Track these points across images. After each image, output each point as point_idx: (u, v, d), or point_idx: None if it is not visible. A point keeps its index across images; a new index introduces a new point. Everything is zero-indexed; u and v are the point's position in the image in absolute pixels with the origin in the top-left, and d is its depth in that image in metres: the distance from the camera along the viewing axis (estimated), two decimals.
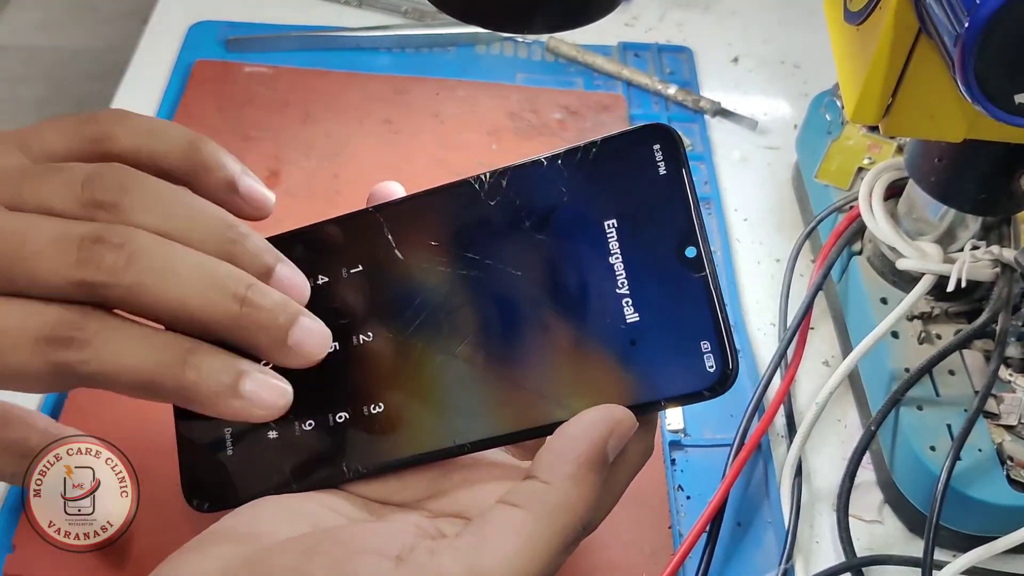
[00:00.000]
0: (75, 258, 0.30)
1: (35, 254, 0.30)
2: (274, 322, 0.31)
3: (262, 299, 0.31)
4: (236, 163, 0.34)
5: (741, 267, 0.54)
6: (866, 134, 0.53)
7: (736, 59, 0.66)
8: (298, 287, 0.33)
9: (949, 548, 0.42)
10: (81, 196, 0.31)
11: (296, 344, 0.32)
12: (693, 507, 0.43)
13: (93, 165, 0.32)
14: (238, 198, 0.34)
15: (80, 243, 0.30)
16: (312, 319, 0.33)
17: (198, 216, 0.32)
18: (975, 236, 0.46)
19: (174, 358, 0.30)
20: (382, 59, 0.62)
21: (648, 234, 0.33)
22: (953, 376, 0.44)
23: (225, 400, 0.31)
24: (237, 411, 0.31)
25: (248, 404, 0.31)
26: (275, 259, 0.33)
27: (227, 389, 0.31)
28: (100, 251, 0.30)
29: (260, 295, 0.31)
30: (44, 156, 0.33)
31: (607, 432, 0.31)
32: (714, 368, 0.31)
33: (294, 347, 0.32)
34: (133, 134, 0.33)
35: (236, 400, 0.31)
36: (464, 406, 0.33)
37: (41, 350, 0.30)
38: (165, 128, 0.34)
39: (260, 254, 0.32)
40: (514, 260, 0.34)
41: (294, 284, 0.33)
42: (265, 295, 0.31)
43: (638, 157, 0.33)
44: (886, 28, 0.34)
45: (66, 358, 0.30)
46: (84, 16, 1.05)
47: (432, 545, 0.29)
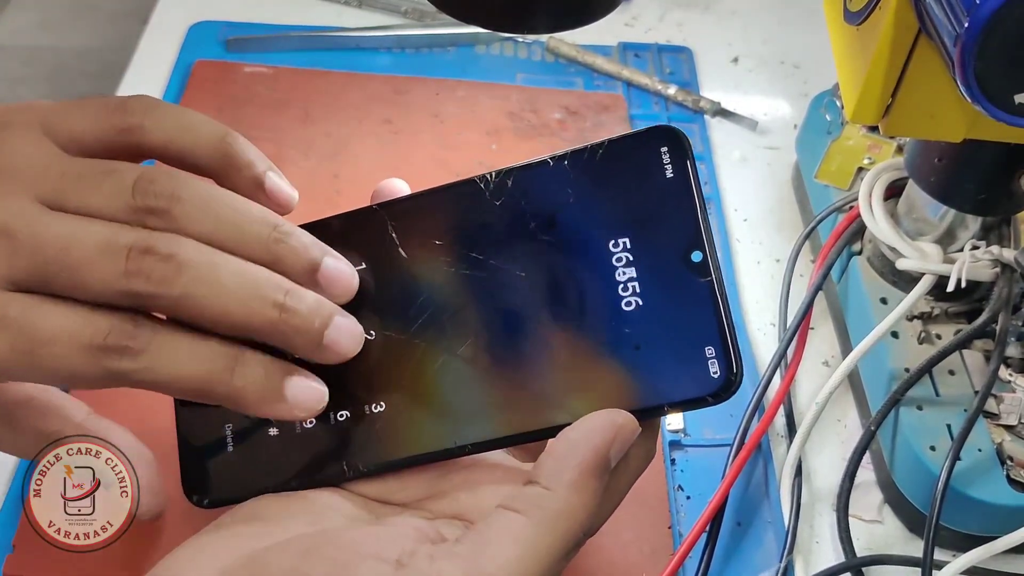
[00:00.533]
0: (123, 268, 0.30)
1: (82, 261, 0.30)
2: (310, 326, 0.32)
3: (299, 304, 0.32)
4: (263, 160, 0.35)
5: (741, 267, 0.54)
6: (866, 134, 0.53)
7: (736, 59, 0.66)
8: (345, 278, 0.34)
9: (949, 548, 0.42)
10: (132, 202, 0.31)
11: (331, 343, 0.33)
12: (693, 507, 0.43)
13: (143, 169, 0.32)
14: (263, 195, 0.34)
15: (129, 253, 0.30)
16: (345, 317, 0.33)
17: (244, 222, 0.32)
18: (975, 236, 0.46)
19: (224, 367, 0.32)
20: (382, 59, 0.62)
21: (654, 237, 0.32)
22: (953, 376, 0.44)
23: (270, 403, 0.32)
24: (281, 413, 0.33)
25: (291, 407, 0.33)
26: (321, 253, 0.33)
27: (273, 394, 0.32)
28: (149, 263, 0.30)
29: (297, 300, 0.32)
30: (72, 143, 0.33)
31: (610, 438, 0.31)
32: (718, 374, 0.31)
33: (329, 346, 0.33)
34: (164, 127, 0.33)
35: (280, 403, 0.32)
36: (466, 407, 0.33)
37: (96, 357, 0.30)
38: (196, 123, 0.34)
39: (306, 250, 0.33)
40: (518, 261, 0.33)
41: (341, 275, 0.34)
42: (302, 300, 0.32)
43: (645, 159, 0.33)
44: (886, 28, 0.34)
45: (120, 366, 0.30)
46: (84, 16, 1.05)
47: (432, 550, 0.29)
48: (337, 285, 0.33)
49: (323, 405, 0.33)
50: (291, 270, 0.32)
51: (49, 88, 0.99)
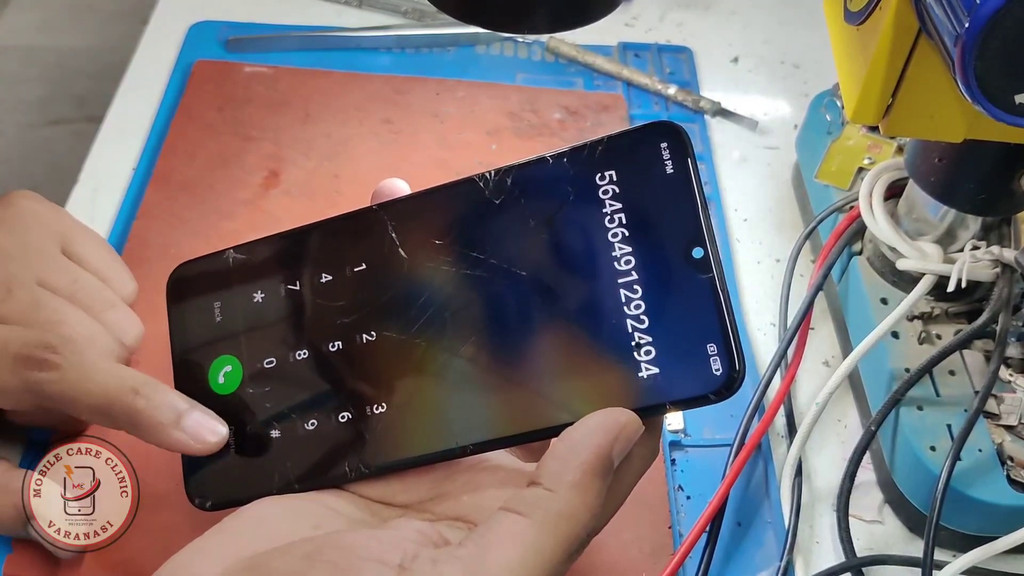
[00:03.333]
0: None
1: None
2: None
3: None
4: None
5: (741, 267, 0.54)
6: (866, 134, 0.53)
7: (736, 59, 0.66)
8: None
9: (949, 548, 0.42)
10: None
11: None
12: (693, 507, 0.43)
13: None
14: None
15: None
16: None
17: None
18: (975, 236, 0.46)
19: (129, 388, 0.35)
20: (382, 59, 0.62)
21: (655, 234, 0.32)
22: (953, 376, 0.44)
23: (167, 431, 0.35)
24: (176, 442, 0.35)
25: (187, 437, 0.35)
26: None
27: (170, 422, 0.35)
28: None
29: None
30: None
31: (612, 437, 0.30)
32: (720, 371, 0.31)
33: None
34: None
35: (176, 432, 0.35)
36: (467, 407, 0.33)
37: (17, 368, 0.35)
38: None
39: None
40: (518, 259, 0.33)
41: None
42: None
43: (645, 155, 0.33)
44: (886, 28, 0.34)
45: (38, 378, 0.35)
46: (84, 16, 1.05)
47: (434, 554, 0.29)
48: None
49: (218, 441, 0.35)
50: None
51: (49, 88, 0.99)
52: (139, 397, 0.35)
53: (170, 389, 0.36)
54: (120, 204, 0.52)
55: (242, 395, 0.36)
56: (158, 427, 0.35)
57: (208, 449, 0.35)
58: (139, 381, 0.35)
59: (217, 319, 0.37)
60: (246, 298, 0.37)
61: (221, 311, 0.37)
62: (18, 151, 0.95)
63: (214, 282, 0.37)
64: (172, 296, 0.38)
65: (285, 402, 0.35)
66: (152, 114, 0.56)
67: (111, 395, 0.35)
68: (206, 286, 0.38)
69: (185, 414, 0.35)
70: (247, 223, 0.51)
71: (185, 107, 0.56)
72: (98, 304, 0.43)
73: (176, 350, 0.37)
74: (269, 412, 0.35)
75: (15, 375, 0.35)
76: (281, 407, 0.35)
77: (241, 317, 0.37)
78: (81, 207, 0.52)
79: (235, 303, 0.37)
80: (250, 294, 0.37)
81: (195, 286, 0.38)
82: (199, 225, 0.51)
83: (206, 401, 0.36)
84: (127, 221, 0.51)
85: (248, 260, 0.37)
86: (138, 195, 0.52)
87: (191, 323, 0.37)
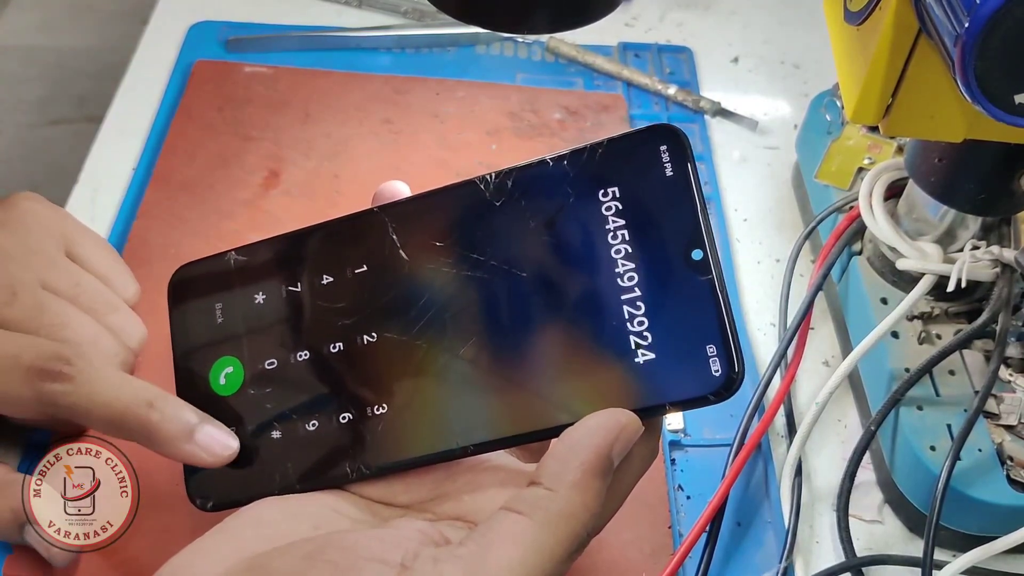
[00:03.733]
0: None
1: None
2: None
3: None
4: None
5: (741, 267, 0.54)
6: (866, 134, 0.53)
7: (736, 59, 0.66)
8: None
9: (949, 548, 0.42)
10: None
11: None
12: (693, 507, 0.43)
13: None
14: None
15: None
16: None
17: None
18: (975, 236, 0.46)
19: (144, 401, 0.35)
20: (382, 59, 0.62)
21: (654, 236, 0.32)
22: (953, 376, 0.44)
23: (180, 444, 0.35)
24: (188, 455, 0.35)
25: (199, 450, 0.35)
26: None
27: (183, 436, 0.35)
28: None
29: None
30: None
31: (612, 437, 0.30)
32: (720, 372, 0.31)
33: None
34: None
35: (189, 446, 0.35)
36: (468, 408, 0.33)
37: (31, 380, 0.35)
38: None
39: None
40: (519, 261, 0.33)
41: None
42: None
43: (645, 158, 0.33)
44: (886, 28, 0.34)
45: (52, 389, 0.35)
46: (84, 16, 1.05)
47: (435, 553, 0.29)
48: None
49: (229, 455, 0.35)
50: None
51: (49, 88, 0.99)
52: (153, 410, 0.35)
53: (183, 402, 0.36)
54: (120, 204, 0.52)
55: (243, 396, 0.36)
56: (171, 440, 0.35)
57: (220, 462, 0.35)
58: (153, 394, 0.35)
59: (218, 320, 0.37)
60: (247, 299, 0.37)
61: (222, 312, 0.37)
62: (18, 151, 0.95)
63: (215, 284, 0.37)
64: (173, 298, 0.38)
65: (286, 403, 0.35)
66: (152, 114, 0.56)
67: (126, 408, 0.35)
68: (207, 288, 0.38)
69: (198, 428, 0.35)
70: (247, 223, 0.51)
71: (185, 107, 0.56)
72: (101, 307, 0.43)
73: (178, 351, 0.38)
74: (270, 413, 0.35)
75: (29, 386, 0.35)
76: (282, 408, 0.35)
77: (242, 318, 0.37)
78: (81, 207, 0.52)
79: (236, 304, 0.37)
80: (251, 295, 0.37)
81: (196, 288, 0.38)
82: (199, 225, 0.51)
83: (207, 402, 0.36)
84: (127, 221, 0.51)
85: (249, 262, 0.37)
86: (138, 195, 0.52)
87: (192, 324, 0.37)
